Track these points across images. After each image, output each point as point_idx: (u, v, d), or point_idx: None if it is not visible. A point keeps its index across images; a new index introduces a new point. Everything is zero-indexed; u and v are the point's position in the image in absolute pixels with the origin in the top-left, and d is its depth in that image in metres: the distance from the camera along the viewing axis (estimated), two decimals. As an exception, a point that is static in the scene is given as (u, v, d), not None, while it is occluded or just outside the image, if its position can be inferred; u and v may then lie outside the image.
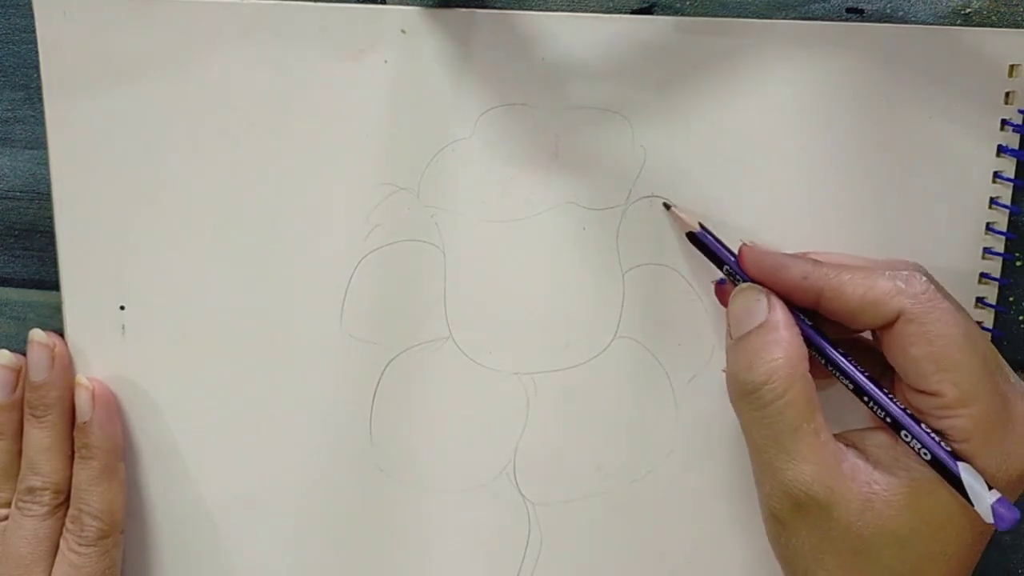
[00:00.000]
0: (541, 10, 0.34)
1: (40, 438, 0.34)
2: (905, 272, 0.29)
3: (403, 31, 0.33)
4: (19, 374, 0.35)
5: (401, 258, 0.35)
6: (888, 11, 0.33)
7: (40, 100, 0.36)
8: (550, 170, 0.34)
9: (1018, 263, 0.35)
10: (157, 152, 0.35)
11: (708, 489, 0.36)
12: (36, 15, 0.34)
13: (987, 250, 0.34)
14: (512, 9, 0.33)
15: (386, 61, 0.34)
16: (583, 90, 0.34)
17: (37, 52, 0.35)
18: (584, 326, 0.35)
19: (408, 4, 0.34)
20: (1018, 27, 0.33)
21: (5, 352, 0.35)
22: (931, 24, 0.33)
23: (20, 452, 0.35)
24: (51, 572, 0.34)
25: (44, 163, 0.36)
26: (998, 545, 0.36)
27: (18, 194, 0.37)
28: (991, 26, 0.33)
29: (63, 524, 0.34)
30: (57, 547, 0.34)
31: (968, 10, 0.33)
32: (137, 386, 0.35)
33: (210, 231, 0.35)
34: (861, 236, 0.34)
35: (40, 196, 0.34)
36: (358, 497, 0.36)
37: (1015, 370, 0.35)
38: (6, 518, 0.35)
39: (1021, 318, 0.35)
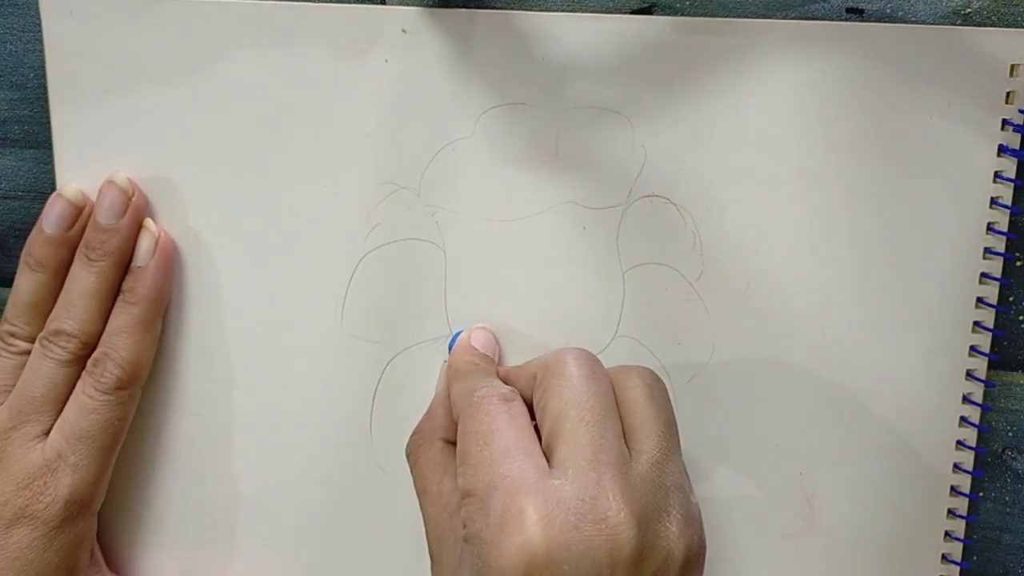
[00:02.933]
0: (541, 10, 0.34)
1: (87, 282, 0.33)
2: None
3: (404, 31, 0.34)
4: (80, 212, 0.34)
5: (402, 257, 0.35)
6: (888, 11, 0.34)
7: (39, 100, 0.36)
8: (550, 169, 0.35)
9: (1019, 263, 0.35)
10: (160, 151, 0.35)
11: (708, 489, 0.36)
12: (42, 15, 0.34)
13: (988, 250, 0.35)
14: (512, 9, 0.34)
15: (387, 61, 0.34)
16: (583, 90, 0.34)
17: (35, 51, 0.36)
18: (584, 325, 0.35)
19: (408, 4, 0.34)
20: (1018, 27, 0.34)
21: (73, 185, 0.34)
22: (931, 24, 0.34)
23: (57, 290, 0.34)
24: (61, 414, 0.33)
25: (44, 163, 0.36)
26: (998, 545, 0.37)
27: (18, 194, 0.37)
28: (991, 26, 0.34)
29: (81, 372, 0.34)
30: (70, 392, 0.34)
31: (968, 10, 0.34)
32: (137, 386, 0.36)
33: (211, 230, 0.35)
34: (861, 236, 0.34)
35: (41, 196, 0.34)
36: (358, 496, 0.36)
37: (1015, 370, 0.36)
38: (28, 352, 0.34)
39: (1021, 318, 0.36)
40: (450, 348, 0.35)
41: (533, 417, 0.30)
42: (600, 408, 0.29)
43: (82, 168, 0.35)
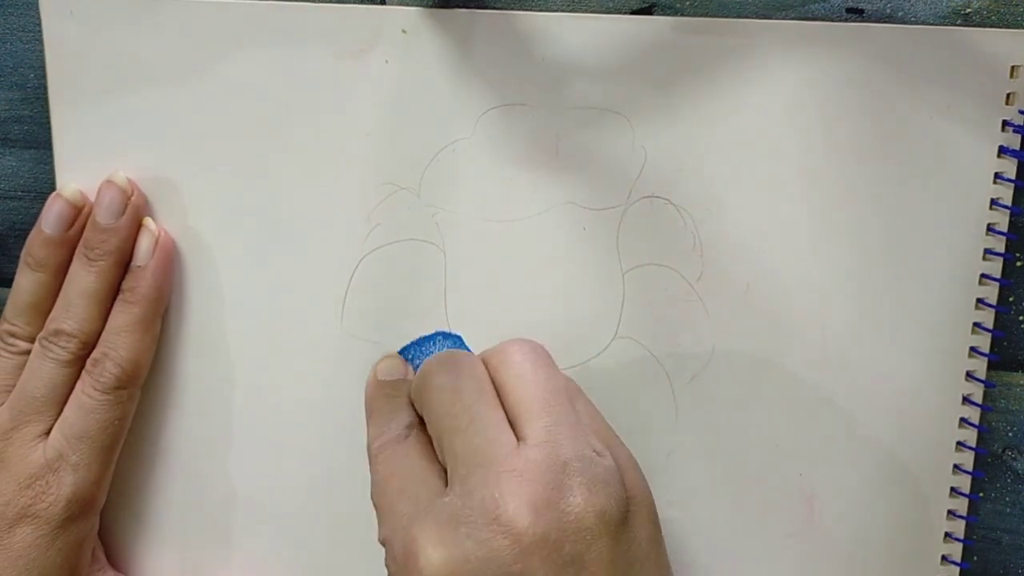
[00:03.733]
0: (541, 10, 0.34)
1: (87, 282, 0.34)
2: None
3: (404, 31, 0.34)
4: (79, 212, 0.34)
5: (402, 257, 0.35)
6: (888, 11, 0.34)
7: (39, 99, 0.36)
8: (550, 170, 0.35)
9: (1019, 263, 0.35)
10: (160, 151, 0.35)
11: (708, 489, 0.36)
12: (42, 15, 0.34)
13: (988, 251, 0.35)
14: (512, 9, 0.34)
15: (387, 61, 0.34)
16: (583, 90, 0.34)
17: (35, 51, 0.36)
18: (584, 326, 0.35)
19: (408, 4, 0.34)
20: (1019, 27, 0.34)
21: (72, 185, 0.34)
22: (931, 24, 0.34)
23: (57, 289, 0.34)
24: (61, 414, 0.34)
25: (44, 163, 0.36)
26: (998, 545, 0.37)
27: (18, 194, 0.37)
28: (991, 26, 0.34)
29: (81, 371, 0.34)
30: (71, 392, 0.34)
31: (968, 10, 0.34)
32: (137, 386, 0.36)
33: (211, 230, 0.36)
34: (861, 237, 0.35)
35: (41, 196, 0.35)
36: (358, 497, 0.37)
37: (1015, 370, 0.36)
38: (28, 352, 0.34)
39: (1021, 318, 0.36)
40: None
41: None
42: (468, 411, 0.28)
43: (82, 168, 0.35)
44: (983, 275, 0.35)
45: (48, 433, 0.33)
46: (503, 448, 0.27)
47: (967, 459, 0.36)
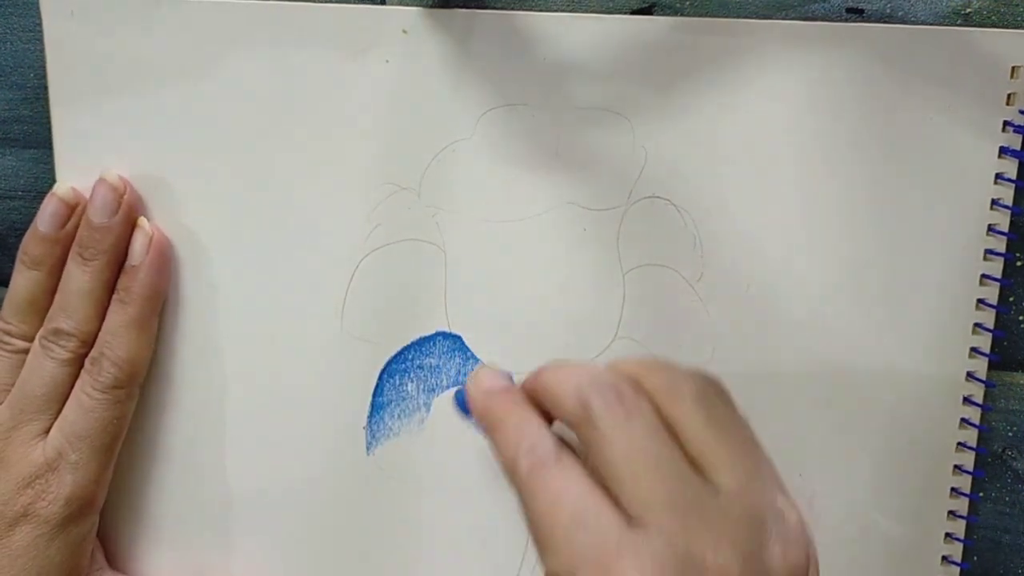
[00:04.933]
0: (541, 10, 0.34)
1: (82, 281, 0.34)
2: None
3: (404, 31, 0.34)
4: (74, 210, 0.34)
5: (402, 258, 0.35)
6: (888, 11, 0.34)
7: (39, 99, 0.36)
8: (551, 170, 0.35)
9: (1019, 264, 0.35)
10: (160, 151, 0.35)
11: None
12: (43, 15, 0.34)
13: (988, 251, 0.35)
14: (512, 9, 0.34)
15: (387, 61, 0.34)
16: (584, 90, 0.34)
17: (36, 51, 0.36)
18: (584, 326, 0.36)
19: (408, 4, 0.34)
20: (1019, 27, 0.34)
21: (65, 184, 0.35)
22: (931, 24, 0.34)
23: (53, 288, 0.34)
24: (60, 413, 0.34)
25: (44, 163, 0.37)
26: (998, 545, 0.37)
27: (18, 194, 0.37)
28: (991, 26, 0.34)
29: (81, 370, 0.34)
30: (71, 391, 0.34)
31: (968, 10, 0.34)
32: (137, 386, 0.36)
33: (211, 230, 0.36)
34: (862, 237, 0.35)
35: (40, 196, 0.35)
36: (358, 497, 0.37)
37: (1014, 370, 0.36)
38: (26, 351, 0.34)
39: (1021, 318, 0.36)
40: (459, 405, 0.31)
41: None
42: (650, 452, 0.26)
43: (82, 168, 0.35)
44: (984, 275, 0.35)
45: (47, 432, 0.34)
46: (697, 493, 0.26)
47: (967, 459, 0.36)
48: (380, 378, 0.36)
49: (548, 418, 0.29)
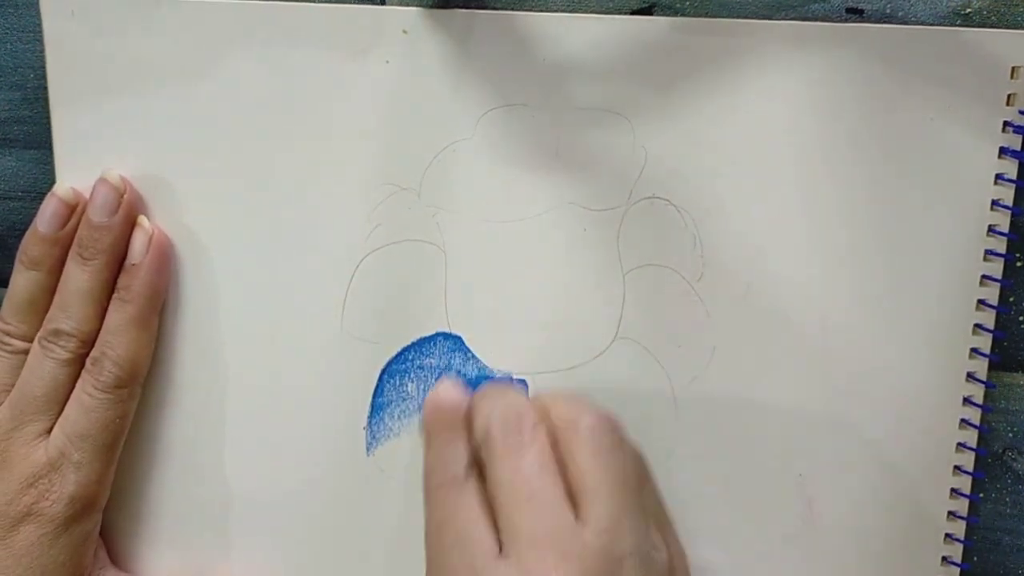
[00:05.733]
0: (541, 10, 0.34)
1: (81, 280, 0.34)
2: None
3: (404, 31, 0.34)
4: (73, 210, 0.35)
5: (402, 258, 0.35)
6: (888, 11, 0.34)
7: (39, 100, 0.36)
8: (551, 171, 0.35)
9: (1019, 264, 0.35)
10: (160, 151, 0.36)
11: (708, 490, 0.36)
12: (43, 15, 0.35)
13: (988, 251, 0.35)
14: (512, 9, 0.34)
15: (387, 61, 0.34)
16: (584, 90, 0.34)
17: (36, 52, 0.36)
18: (585, 327, 0.36)
19: (408, 4, 0.34)
20: (1019, 27, 0.34)
21: (66, 185, 0.35)
22: (931, 24, 0.34)
23: (53, 288, 0.34)
24: (62, 413, 0.34)
25: (44, 163, 0.37)
26: (998, 545, 0.37)
27: (18, 194, 0.37)
28: (991, 26, 0.34)
29: (82, 369, 0.34)
30: (71, 391, 0.34)
31: (968, 10, 0.34)
32: (137, 386, 0.36)
33: (212, 230, 0.36)
34: (862, 238, 0.35)
35: (40, 196, 0.35)
36: (358, 496, 0.37)
37: (1015, 370, 0.36)
38: (27, 352, 0.34)
39: (1021, 319, 0.36)
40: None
41: None
42: (529, 485, 0.28)
43: (82, 168, 0.35)
44: (984, 276, 0.35)
45: (49, 432, 0.34)
46: (563, 529, 0.28)
47: (967, 460, 0.36)
48: (380, 378, 0.36)
49: None
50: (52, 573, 0.33)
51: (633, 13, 0.35)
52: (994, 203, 0.35)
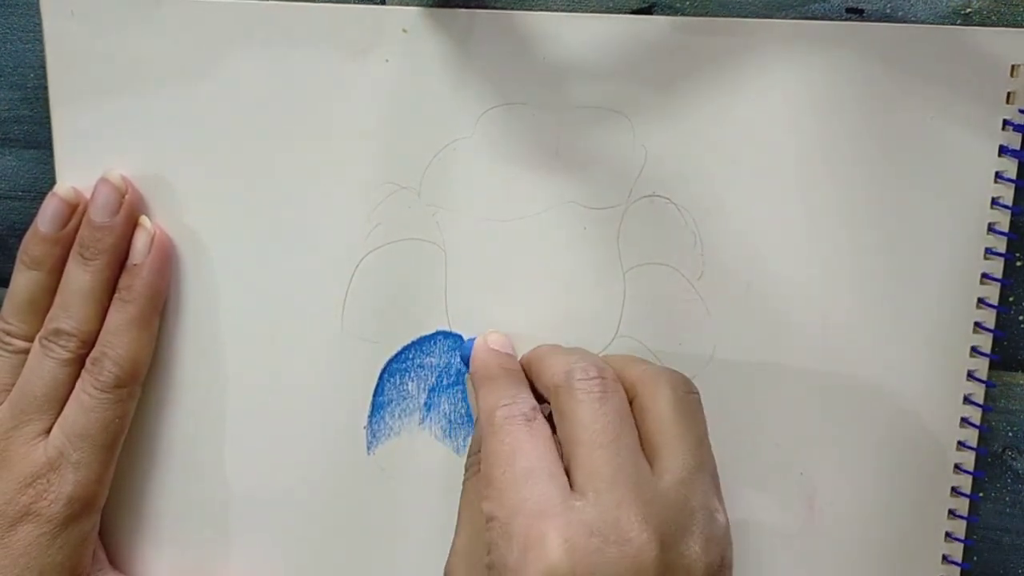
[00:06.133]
0: (541, 10, 0.34)
1: (83, 280, 0.34)
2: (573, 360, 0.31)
3: (404, 31, 0.34)
4: (74, 210, 0.35)
5: (402, 257, 0.36)
6: (888, 11, 0.34)
7: (39, 99, 0.37)
8: (551, 169, 0.35)
9: (1019, 263, 0.36)
10: (160, 151, 0.36)
11: (709, 489, 0.36)
12: (43, 14, 0.35)
13: (988, 250, 0.35)
14: (512, 9, 0.34)
15: (387, 60, 0.35)
16: (584, 90, 0.34)
17: (36, 51, 0.36)
18: (585, 326, 0.36)
19: (408, 4, 0.35)
20: (1019, 27, 0.34)
21: (67, 184, 0.35)
22: (931, 24, 0.34)
23: (54, 288, 0.34)
24: (62, 412, 0.34)
25: (44, 163, 0.37)
26: (998, 545, 0.37)
27: (18, 194, 0.38)
28: (991, 26, 0.34)
29: (82, 369, 0.34)
30: (71, 391, 0.34)
31: (968, 10, 0.34)
32: (137, 386, 0.36)
33: (212, 230, 0.36)
34: (862, 236, 0.35)
35: (41, 196, 0.35)
36: (358, 495, 0.37)
37: (1015, 369, 0.36)
38: (27, 351, 0.35)
39: (1021, 318, 0.36)
40: (463, 357, 0.36)
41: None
42: (612, 429, 0.29)
43: (82, 168, 0.35)
44: (984, 275, 0.35)
45: (49, 432, 0.34)
46: (640, 476, 0.28)
47: (968, 459, 0.36)
48: (380, 377, 0.36)
49: (536, 395, 0.32)
50: (50, 573, 0.33)
51: (633, 13, 0.35)
52: (994, 202, 0.35)
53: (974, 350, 0.36)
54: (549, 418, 0.31)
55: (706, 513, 0.29)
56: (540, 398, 0.32)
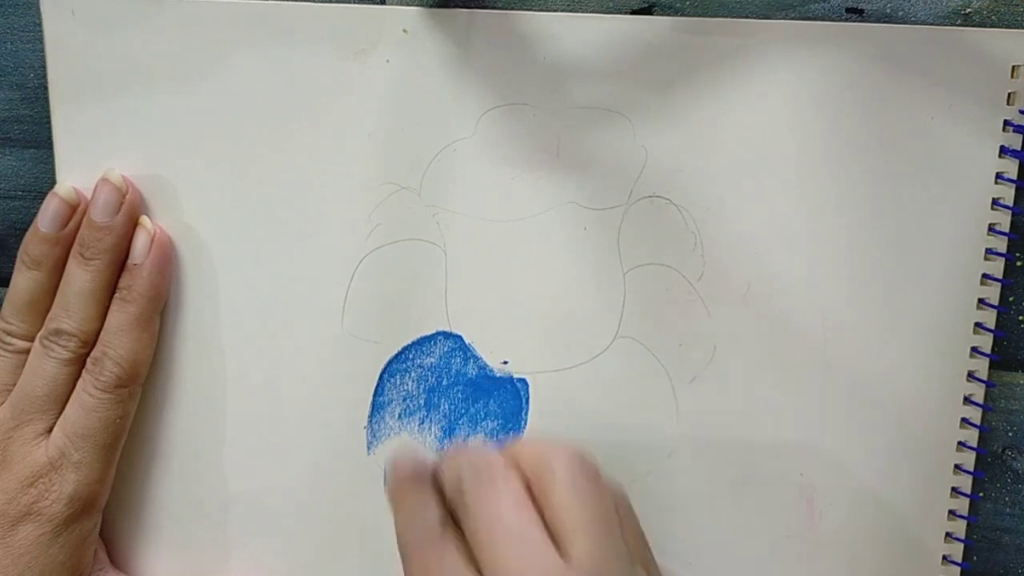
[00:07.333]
0: (541, 10, 0.35)
1: (83, 280, 0.34)
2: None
3: (404, 31, 0.34)
4: (75, 210, 0.35)
5: (402, 257, 0.36)
6: (888, 11, 0.34)
7: (39, 100, 0.37)
8: (551, 170, 0.35)
9: (1020, 263, 0.36)
10: (160, 151, 0.36)
11: (708, 490, 0.36)
12: (43, 14, 0.35)
13: (989, 251, 0.35)
14: (512, 9, 0.34)
15: (388, 61, 0.35)
16: (584, 90, 0.34)
17: (36, 51, 0.36)
18: (585, 326, 0.36)
19: (409, 4, 0.35)
20: (1019, 27, 0.34)
21: (67, 184, 0.35)
22: (931, 24, 0.34)
23: (54, 288, 0.35)
24: (62, 412, 0.34)
25: (44, 163, 0.37)
26: (998, 545, 0.37)
27: (18, 194, 0.38)
28: (991, 26, 0.34)
29: (82, 369, 0.34)
30: (72, 391, 0.34)
31: (968, 10, 0.34)
32: (137, 386, 0.36)
33: (212, 230, 0.36)
34: (862, 237, 0.35)
35: (40, 196, 0.35)
36: (358, 496, 0.37)
37: (1015, 370, 0.36)
38: (27, 351, 0.35)
39: (1021, 318, 0.36)
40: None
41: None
42: (508, 522, 0.28)
43: (82, 168, 0.35)
44: (984, 275, 0.35)
45: (49, 432, 0.34)
46: (549, 567, 0.27)
47: (968, 459, 0.36)
48: (381, 378, 0.36)
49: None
50: (51, 573, 0.34)
51: (633, 13, 0.35)
52: (994, 202, 0.35)
53: (974, 350, 0.36)
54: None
55: None
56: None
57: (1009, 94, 0.34)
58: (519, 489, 0.29)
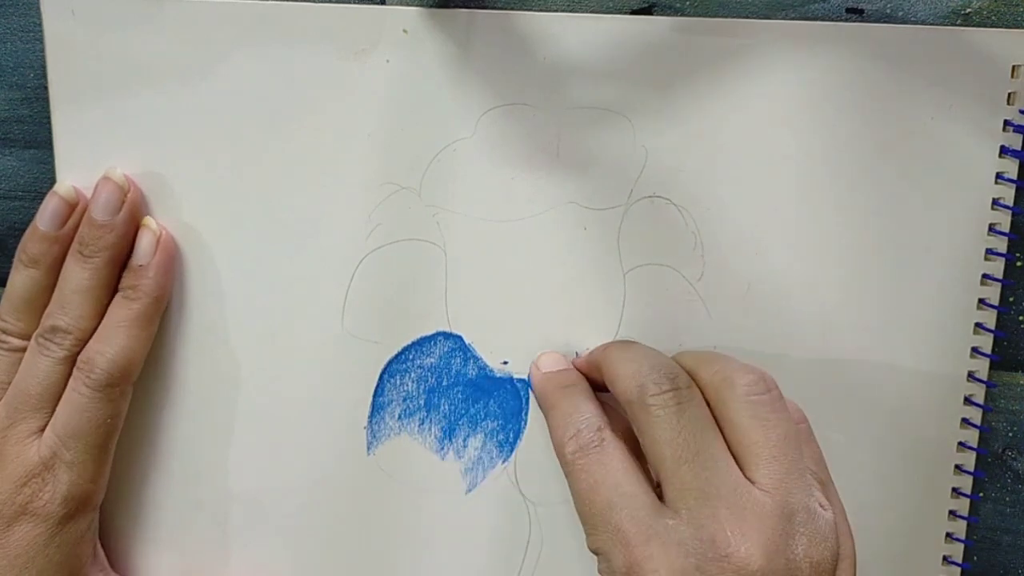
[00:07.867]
0: (541, 10, 0.35)
1: (81, 279, 0.34)
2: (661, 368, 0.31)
3: (405, 31, 0.34)
4: (74, 209, 0.35)
5: (402, 257, 0.36)
6: (888, 11, 0.34)
7: (39, 99, 0.37)
8: (551, 170, 0.35)
9: (1020, 264, 0.36)
10: (160, 151, 0.36)
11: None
12: (44, 14, 0.35)
13: (989, 251, 0.35)
14: (512, 9, 0.34)
15: (388, 61, 0.35)
16: (584, 90, 0.35)
17: (36, 51, 0.36)
18: (585, 326, 0.36)
19: (409, 4, 0.35)
20: (1019, 27, 0.34)
21: (67, 183, 0.35)
22: (931, 24, 0.34)
23: (51, 287, 0.35)
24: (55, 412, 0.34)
25: (44, 163, 0.37)
26: (998, 545, 0.37)
27: (18, 194, 0.38)
28: (991, 26, 0.34)
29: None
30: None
31: (968, 10, 0.34)
32: (136, 384, 0.36)
33: (212, 230, 0.36)
34: (862, 237, 0.35)
35: (40, 196, 0.35)
36: (358, 497, 0.37)
37: (1015, 370, 0.36)
38: (24, 350, 0.35)
39: (1021, 318, 0.36)
40: (529, 384, 0.36)
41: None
42: (695, 442, 0.29)
43: (82, 168, 0.36)
44: (984, 275, 0.35)
45: (43, 430, 0.34)
46: (733, 486, 0.28)
47: (968, 459, 0.36)
48: (381, 378, 0.36)
49: (604, 388, 0.32)
50: (48, 573, 0.34)
51: (633, 13, 0.35)
52: (995, 202, 0.35)
53: (975, 351, 0.36)
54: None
55: (806, 513, 0.28)
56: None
57: (1009, 94, 0.34)
58: (703, 405, 0.30)
